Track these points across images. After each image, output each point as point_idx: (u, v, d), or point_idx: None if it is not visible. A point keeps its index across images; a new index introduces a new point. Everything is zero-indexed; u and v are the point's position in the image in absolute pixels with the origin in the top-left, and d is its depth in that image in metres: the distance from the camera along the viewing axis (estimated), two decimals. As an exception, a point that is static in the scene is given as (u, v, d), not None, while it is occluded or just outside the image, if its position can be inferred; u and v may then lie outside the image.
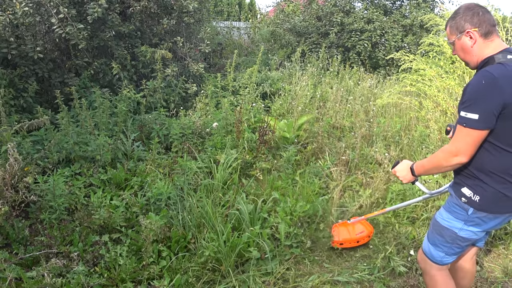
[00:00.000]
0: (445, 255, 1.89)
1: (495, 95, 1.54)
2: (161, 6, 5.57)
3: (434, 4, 9.41)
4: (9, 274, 2.13)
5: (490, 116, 1.55)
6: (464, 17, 1.69)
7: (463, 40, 1.71)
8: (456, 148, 1.63)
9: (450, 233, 1.82)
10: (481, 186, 1.68)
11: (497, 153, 1.64)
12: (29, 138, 3.47)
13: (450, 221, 1.81)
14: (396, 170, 1.97)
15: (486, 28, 1.67)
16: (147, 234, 2.53)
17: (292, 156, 3.85)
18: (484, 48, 1.69)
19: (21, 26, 4.26)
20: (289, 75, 6.71)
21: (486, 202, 1.68)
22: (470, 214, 1.72)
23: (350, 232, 2.88)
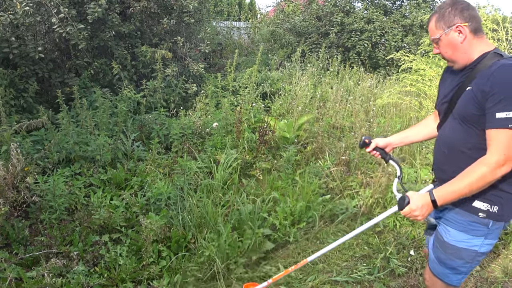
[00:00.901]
0: (464, 276, 1.73)
1: None
2: (161, 6, 5.57)
3: (434, 4, 9.41)
4: (9, 274, 2.13)
5: None
6: (453, 11, 1.56)
7: (451, 36, 1.57)
8: (504, 156, 1.41)
9: (469, 253, 1.63)
10: (497, 195, 1.53)
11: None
12: (29, 138, 3.47)
13: (468, 241, 1.61)
14: (412, 209, 1.54)
15: (476, 24, 1.56)
16: (147, 234, 2.53)
17: (292, 156, 3.85)
18: (476, 45, 1.57)
19: (21, 26, 4.26)
20: (289, 75, 6.72)
21: (506, 210, 1.54)
22: (491, 227, 1.57)
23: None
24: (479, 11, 4.64)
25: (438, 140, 1.74)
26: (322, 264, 2.76)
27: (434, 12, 1.64)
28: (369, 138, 1.97)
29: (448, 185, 1.52)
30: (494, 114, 1.41)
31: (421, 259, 2.83)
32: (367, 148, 1.97)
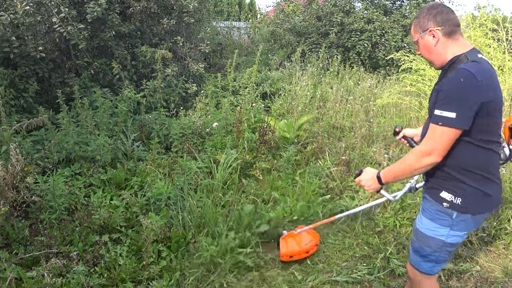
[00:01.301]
0: (434, 265, 1.82)
1: (474, 93, 1.50)
2: (161, 6, 5.57)
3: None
4: (9, 274, 2.13)
5: (468, 114, 1.51)
6: (428, 16, 1.68)
7: (426, 39, 1.70)
8: (429, 148, 1.58)
9: (436, 241, 1.74)
10: (461, 188, 1.64)
11: (474, 150, 1.61)
12: (29, 138, 3.47)
13: (435, 229, 1.73)
14: (361, 179, 1.87)
15: (449, 27, 1.65)
16: (147, 234, 2.53)
17: (292, 156, 3.85)
18: (450, 47, 1.66)
19: (21, 26, 4.26)
20: (289, 75, 6.71)
21: (469, 203, 1.64)
22: (455, 218, 1.66)
23: (299, 243, 2.69)
24: (479, 11, 4.64)
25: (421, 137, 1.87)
26: (322, 264, 2.77)
27: (415, 17, 1.77)
28: (400, 127, 2.18)
29: (391, 166, 1.77)
30: (434, 110, 1.57)
31: (421, 259, 2.83)
32: (397, 136, 2.18)
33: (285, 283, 2.54)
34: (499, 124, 1.65)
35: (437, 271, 1.86)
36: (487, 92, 1.52)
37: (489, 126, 1.60)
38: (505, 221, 3.03)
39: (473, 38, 4.23)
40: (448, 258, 1.82)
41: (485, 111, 1.53)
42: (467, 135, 1.57)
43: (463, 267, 2.75)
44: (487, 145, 1.61)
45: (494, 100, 1.56)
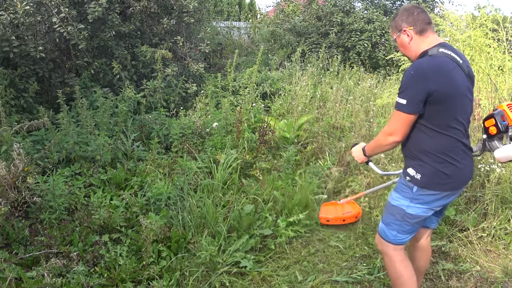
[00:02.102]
0: (397, 233, 1.99)
1: (421, 83, 1.72)
2: (161, 6, 5.57)
3: (434, 4, 9.41)
4: (9, 274, 2.13)
5: (416, 101, 1.73)
6: (401, 17, 1.92)
7: (401, 38, 1.93)
8: (390, 129, 1.85)
9: (398, 210, 1.94)
10: (421, 166, 1.85)
11: (432, 134, 1.80)
12: (29, 138, 3.47)
13: (398, 199, 1.95)
14: (352, 150, 2.22)
15: (420, 26, 1.88)
16: (147, 234, 2.53)
17: (292, 156, 3.85)
18: (420, 44, 1.89)
19: (21, 26, 4.26)
20: (289, 75, 6.71)
21: (427, 180, 1.83)
22: (415, 192, 1.87)
23: (338, 211, 3.01)
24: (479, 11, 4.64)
25: None
26: (322, 264, 2.77)
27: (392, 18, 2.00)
28: None
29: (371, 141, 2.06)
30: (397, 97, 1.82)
31: (421, 259, 2.83)
32: None
33: (285, 283, 2.54)
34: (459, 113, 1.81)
35: (401, 241, 2.01)
36: (436, 82, 1.72)
37: (442, 113, 1.78)
38: (505, 221, 3.03)
39: (473, 38, 4.23)
40: (410, 230, 1.98)
41: (436, 100, 1.73)
42: (422, 120, 1.80)
43: (463, 267, 2.75)
44: (444, 131, 1.80)
45: (444, 91, 1.74)
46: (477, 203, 3.13)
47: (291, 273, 2.66)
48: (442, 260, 2.82)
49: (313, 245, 3.00)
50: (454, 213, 3.08)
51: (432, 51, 1.82)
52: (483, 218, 3.10)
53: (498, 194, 3.09)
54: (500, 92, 4.08)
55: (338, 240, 3.06)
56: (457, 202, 3.18)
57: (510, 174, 3.15)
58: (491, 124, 1.90)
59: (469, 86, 1.86)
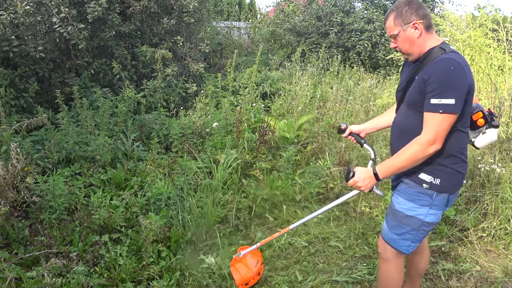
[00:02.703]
0: (411, 243, 1.89)
1: (464, 79, 1.62)
2: (161, 6, 5.57)
3: (434, 4, 9.41)
4: (9, 274, 2.13)
5: (462, 99, 1.62)
6: (410, 10, 1.74)
7: (408, 32, 1.76)
8: (432, 137, 1.64)
9: (415, 220, 1.82)
10: (440, 169, 1.74)
11: (457, 134, 1.73)
12: (29, 138, 3.47)
13: (415, 209, 1.81)
14: (356, 180, 1.82)
15: (428, 21, 1.76)
16: (147, 234, 2.53)
17: (292, 156, 3.85)
18: (427, 40, 1.77)
19: (21, 26, 4.26)
20: (289, 75, 6.71)
21: (447, 183, 1.75)
22: (434, 198, 1.77)
23: (249, 267, 2.49)
24: (479, 11, 4.64)
25: (393, 124, 1.96)
26: (322, 264, 2.77)
27: (391, 10, 1.80)
28: (345, 125, 2.24)
29: (388, 160, 1.77)
30: (429, 100, 1.63)
31: (421, 259, 2.83)
32: (343, 134, 2.25)
33: (285, 283, 2.54)
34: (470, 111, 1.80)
35: (412, 250, 1.92)
36: (470, 79, 1.66)
37: (467, 110, 1.72)
38: (505, 221, 3.03)
39: (473, 38, 4.23)
40: (423, 237, 1.90)
41: (470, 96, 1.67)
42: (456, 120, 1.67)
43: (463, 267, 2.75)
44: (465, 128, 1.77)
45: (473, 86, 1.69)
46: (477, 203, 3.13)
47: (291, 273, 2.66)
48: (442, 260, 2.82)
49: (313, 245, 3.00)
50: (454, 213, 3.08)
51: (447, 47, 1.71)
52: (483, 218, 3.10)
53: (498, 194, 3.09)
54: (500, 92, 4.08)
55: (338, 240, 3.06)
56: (457, 202, 3.18)
57: (510, 174, 3.15)
58: (479, 117, 1.86)
59: None
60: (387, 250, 1.97)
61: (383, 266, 2.03)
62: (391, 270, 1.99)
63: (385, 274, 2.02)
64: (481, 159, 3.42)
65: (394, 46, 1.84)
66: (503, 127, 3.74)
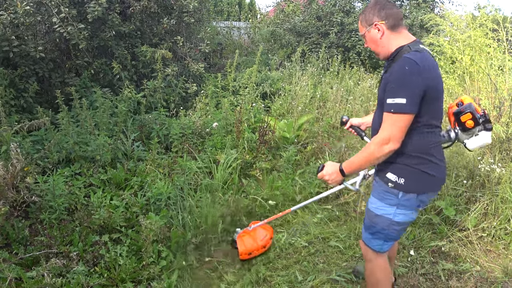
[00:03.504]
0: (384, 242, 1.92)
1: (419, 79, 1.62)
2: (161, 6, 5.57)
3: (434, 4, 9.41)
4: (9, 274, 2.13)
5: (416, 99, 1.63)
6: (372, 11, 1.80)
7: (372, 33, 1.82)
8: (385, 136, 1.67)
9: (384, 219, 1.85)
10: (403, 169, 1.76)
11: (420, 134, 1.73)
12: (29, 138, 3.46)
13: (383, 208, 1.85)
14: (323, 174, 1.93)
15: (392, 21, 1.78)
16: (147, 234, 2.53)
17: (292, 156, 3.85)
18: (393, 40, 1.79)
19: (21, 26, 4.26)
20: (289, 75, 6.71)
21: (413, 183, 1.76)
22: (400, 197, 1.79)
23: (255, 240, 2.71)
24: (479, 11, 4.64)
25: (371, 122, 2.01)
26: (322, 264, 2.77)
27: (361, 12, 1.88)
28: (346, 117, 2.31)
29: (352, 158, 1.84)
30: (386, 99, 1.67)
31: (421, 259, 2.83)
32: (345, 126, 2.32)
33: (285, 283, 2.54)
34: (440, 110, 1.79)
35: (386, 249, 1.95)
36: (429, 79, 1.65)
37: (432, 111, 1.72)
38: (505, 221, 3.03)
39: (473, 38, 4.23)
40: (397, 236, 1.92)
41: (429, 96, 1.66)
42: (416, 120, 1.68)
43: (463, 267, 2.75)
44: (431, 129, 1.75)
45: (436, 87, 1.69)
46: (477, 203, 3.13)
47: (291, 273, 2.66)
48: (442, 260, 2.82)
49: (313, 245, 3.00)
50: (454, 213, 3.08)
51: (414, 46, 1.73)
52: (483, 218, 3.10)
53: (498, 194, 3.09)
54: (500, 92, 4.08)
55: (338, 240, 3.06)
56: (457, 202, 3.18)
57: (510, 174, 3.15)
58: (467, 118, 1.87)
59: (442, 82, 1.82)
60: (367, 250, 2.01)
61: (367, 267, 2.06)
62: (375, 270, 2.02)
63: (370, 274, 2.05)
64: (481, 159, 3.42)
65: (366, 46, 1.90)
66: (503, 127, 3.73)
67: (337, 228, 3.22)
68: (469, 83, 4.35)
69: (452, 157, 3.56)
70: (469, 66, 4.33)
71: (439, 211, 3.18)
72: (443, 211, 3.11)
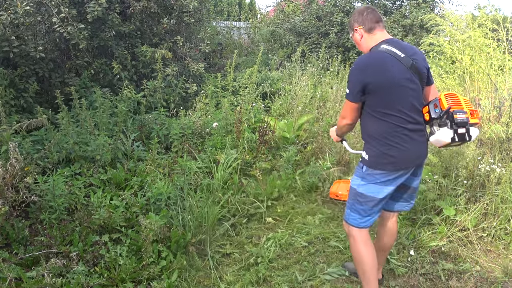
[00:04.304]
0: (359, 217, 2.14)
1: (359, 76, 1.99)
2: (161, 6, 5.57)
3: (434, 4, 9.41)
4: (9, 274, 2.13)
5: (355, 92, 2.00)
6: (354, 18, 2.17)
7: (354, 36, 2.19)
8: (342, 113, 2.16)
9: (352, 190, 2.16)
10: (370, 148, 2.08)
11: (374, 120, 2.04)
12: (29, 138, 3.46)
13: (354, 180, 2.17)
14: (330, 130, 2.47)
15: (369, 25, 2.10)
16: (147, 234, 2.53)
17: (292, 156, 3.85)
18: (369, 41, 2.11)
19: (21, 26, 4.26)
20: (289, 75, 6.71)
21: (374, 160, 2.05)
22: (364, 171, 2.09)
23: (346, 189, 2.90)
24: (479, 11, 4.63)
25: None
26: (322, 264, 2.76)
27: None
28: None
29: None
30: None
31: (421, 259, 2.83)
32: None
33: (285, 283, 2.54)
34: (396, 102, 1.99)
35: (363, 225, 2.16)
36: (371, 75, 1.96)
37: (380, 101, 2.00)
38: (505, 221, 3.03)
39: (473, 38, 4.23)
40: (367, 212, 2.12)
41: (372, 89, 1.97)
42: (366, 107, 2.05)
43: (463, 267, 2.75)
44: (383, 117, 2.01)
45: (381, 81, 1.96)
46: (477, 203, 3.13)
47: (291, 273, 2.66)
48: (442, 260, 2.82)
49: (313, 245, 3.00)
50: (454, 213, 3.08)
51: (375, 48, 2.05)
52: (483, 218, 3.10)
53: (498, 194, 3.08)
54: (500, 92, 4.08)
55: (338, 240, 3.06)
56: (457, 202, 3.18)
57: (510, 174, 3.15)
58: (425, 111, 2.07)
59: (410, 77, 1.99)
60: (347, 226, 2.23)
61: (350, 242, 2.24)
62: (356, 243, 2.18)
63: (353, 248, 2.22)
64: (481, 159, 3.42)
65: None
66: (503, 127, 3.73)
67: (337, 228, 3.21)
68: (469, 83, 4.35)
69: (452, 157, 3.56)
70: (469, 66, 4.33)
71: (439, 211, 3.18)
72: (443, 211, 3.10)
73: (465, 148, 3.52)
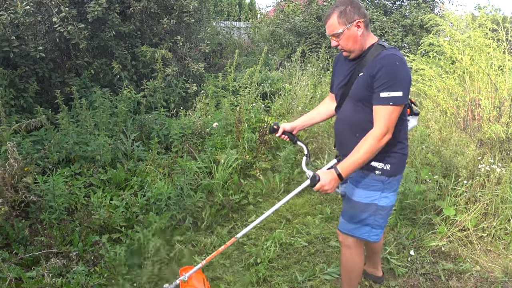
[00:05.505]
0: (371, 229, 1.99)
1: (407, 73, 1.77)
2: (161, 6, 5.57)
3: (434, 4, 9.42)
4: (9, 274, 2.13)
5: (409, 91, 1.77)
6: (353, 9, 1.83)
7: (352, 30, 1.83)
8: (386, 128, 1.75)
9: (372, 206, 1.94)
10: (388, 156, 1.88)
11: (403, 123, 1.89)
12: (29, 138, 3.47)
13: (369, 196, 1.93)
14: (322, 184, 1.73)
15: (367, 20, 1.88)
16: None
17: (290, 154, 3.84)
18: (367, 38, 1.89)
19: (21, 26, 4.26)
20: (289, 75, 6.71)
21: (394, 167, 1.90)
22: (386, 182, 1.91)
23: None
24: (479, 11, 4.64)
25: (338, 121, 2.05)
26: (322, 264, 2.76)
27: (332, 9, 1.86)
28: (277, 124, 2.20)
29: (348, 158, 1.79)
30: (379, 94, 1.75)
31: (421, 259, 2.83)
32: (276, 134, 2.23)
33: (285, 283, 2.54)
34: None
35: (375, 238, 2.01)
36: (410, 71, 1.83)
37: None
38: (505, 221, 3.03)
39: (473, 38, 4.23)
40: (383, 223, 1.99)
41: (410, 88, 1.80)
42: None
43: (463, 267, 2.75)
44: (406, 116, 1.94)
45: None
46: (477, 203, 3.13)
47: (291, 273, 2.66)
48: (442, 260, 2.82)
49: (313, 245, 3.00)
50: (454, 213, 3.08)
51: (385, 44, 1.86)
52: (483, 218, 3.10)
53: (498, 194, 3.09)
54: (500, 92, 4.08)
55: (338, 240, 3.06)
56: (457, 202, 3.18)
57: (510, 174, 3.15)
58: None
59: None
60: (347, 238, 2.08)
61: (345, 253, 2.13)
62: (353, 256, 2.11)
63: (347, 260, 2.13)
64: (481, 159, 3.42)
65: (336, 45, 1.89)
66: (503, 127, 3.73)
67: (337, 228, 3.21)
68: (469, 83, 4.35)
69: (452, 157, 3.56)
70: (469, 66, 4.33)
71: (439, 211, 3.18)
72: (443, 211, 3.10)
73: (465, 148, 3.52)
